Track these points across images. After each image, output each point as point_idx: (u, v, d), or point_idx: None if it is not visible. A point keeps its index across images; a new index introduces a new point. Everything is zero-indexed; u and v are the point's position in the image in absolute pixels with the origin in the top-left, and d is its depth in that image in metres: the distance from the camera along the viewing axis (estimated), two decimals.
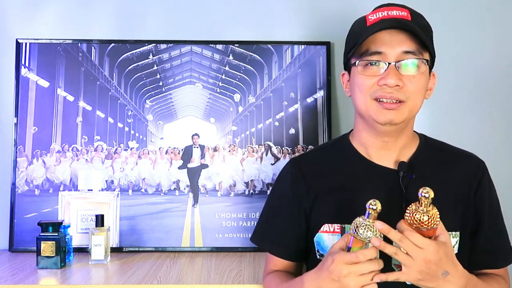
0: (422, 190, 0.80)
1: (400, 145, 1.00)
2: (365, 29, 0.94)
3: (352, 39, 0.98)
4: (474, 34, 1.55)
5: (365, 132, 1.01)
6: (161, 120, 1.56)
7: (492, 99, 1.55)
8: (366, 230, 0.82)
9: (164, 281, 1.18)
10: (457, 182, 1.00)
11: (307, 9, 1.56)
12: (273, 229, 1.09)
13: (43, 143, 1.51)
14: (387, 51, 0.92)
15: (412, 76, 0.92)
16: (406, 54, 0.91)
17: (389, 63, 0.92)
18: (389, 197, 0.94)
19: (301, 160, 1.12)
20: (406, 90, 0.92)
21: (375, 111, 0.94)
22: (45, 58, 1.52)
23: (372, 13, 0.96)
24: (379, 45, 0.92)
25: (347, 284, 0.82)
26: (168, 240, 1.48)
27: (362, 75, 0.94)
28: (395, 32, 0.92)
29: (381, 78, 0.92)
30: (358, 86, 0.96)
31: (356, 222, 0.83)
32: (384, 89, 0.92)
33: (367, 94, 0.94)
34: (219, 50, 1.57)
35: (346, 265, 0.82)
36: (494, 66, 1.55)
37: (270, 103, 1.56)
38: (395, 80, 0.90)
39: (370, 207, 0.82)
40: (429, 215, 0.81)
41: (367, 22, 0.95)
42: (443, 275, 0.83)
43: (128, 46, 1.55)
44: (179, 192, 1.53)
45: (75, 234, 1.46)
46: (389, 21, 0.93)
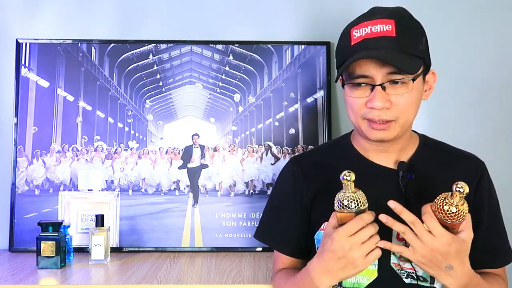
0: (456, 185, 0.80)
1: (398, 147, 1.01)
2: (349, 48, 0.93)
3: (339, 55, 0.98)
4: (474, 34, 1.55)
5: (362, 139, 1.02)
6: (161, 120, 1.56)
7: (492, 99, 1.55)
8: (350, 201, 0.83)
9: (164, 281, 1.18)
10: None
11: (307, 9, 1.56)
12: (275, 226, 1.10)
13: (43, 143, 1.51)
14: (373, 74, 0.90)
15: (400, 95, 0.91)
16: (392, 74, 0.90)
17: (374, 85, 0.90)
18: (389, 197, 0.94)
19: (302, 159, 1.13)
20: (394, 110, 0.91)
21: (366, 130, 0.94)
22: (45, 58, 1.52)
23: (356, 28, 0.94)
24: (364, 70, 0.91)
25: (353, 256, 0.83)
26: (168, 240, 1.48)
27: (351, 97, 0.95)
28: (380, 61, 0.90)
29: (368, 101, 0.91)
30: (349, 105, 0.96)
31: (339, 197, 0.84)
32: (372, 111, 0.91)
33: (357, 114, 0.94)
34: (219, 50, 1.57)
35: (346, 238, 0.82)
36: (494, 66, 1.55)
37: (270, 103, 1.56)
38: (382, 102, 0.89)
39: (344, 178, 0.82)
40: (457, 209, 0.81)
41: (351, 39, 0.93)
42: (446, 267, 0.84)
43: (128, 46, 1.55)
44: (179, 192, 1.53)
45: (75, 234, 1.46)
46: (371, 42, 0.90)
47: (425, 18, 1.00)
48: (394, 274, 0.95)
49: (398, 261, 0.95)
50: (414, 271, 0.95)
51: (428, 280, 0.96)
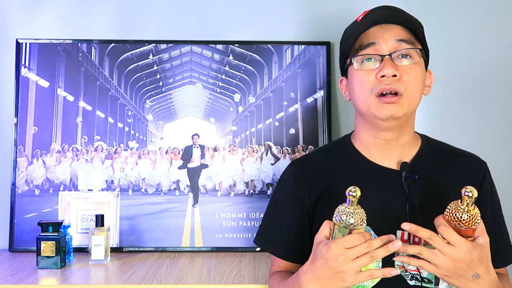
0: (465, 189, 0.80)
1: (402, 143, 1.00)
2: (357, 26, 0.96)
3: (345, 41, 1.00)
4: (473, 34, 1.55)
5: (367, 132, 1.01)
6: (161, 120, 1.56)
7: (492, 98, 1.55)
8: (349, 217, 0.82)
9: (164, 281, 1.18)
10: (459, 182, 0.99)
11: (307, 9, 1.56)
12: (276, 231, 1.09)
13: (43, 143, 1.51)
14: (380, 42, 0.93)
15: (408, 67, 0.93)
16: (399, 43, 0.93)
17: (383, 55, 0.93)
18: (392, 197, 0.94)
19: (303, 162, 1.11)
20: (403, 81, 0.92)
21: (376, 107, 0.94)
22: (45, 58, 1.52)
23: (362, 15, 0.98)
24: (372, 37, 0.94)
25: (344, 268, 0.82)
26: (168, 240, 1.48)
27: (360, 71, 0.96)
28: (386, 25, 0.94)
29: (378, 71, 0.93)
30: (357, 84, 0.96)
31: (339, 210, 0.84)
32: (383, 81, 0.92)
33: (368, 91, 0.94)
34: (219, 50, 1.57)
35: (343, 249, 0.82)
36: (494, 66, 1.54)
37: (270, 103, 1.56)
38: (392, 70, 0.91)
39: (350, 194, 0.82)
40: (469, 215, 0.80)
41: (357, 22, 0.98)
42: (473, 277, 0.83)
43: (128, 46, 1.55)
44: (179, 192, 1.53)
45: (75, 234, 1.46)
46: (379, 15, 0.95)
47: (425, 18, 1.01)
48: (398, 276, 0.94)
49: (402, 263, 0.95)
50: (418, 273, 0.94)
51: (433, 282, 0.95)
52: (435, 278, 0.95)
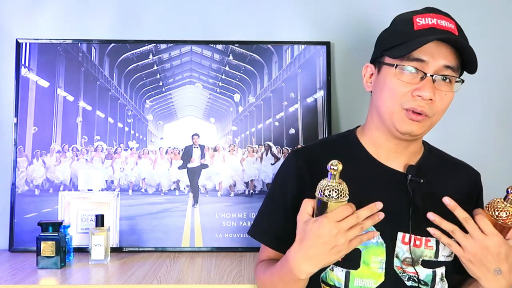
0: (511, 187, 0.84)
1: (411, 151, 1.01)
2: (412, 32, 0.91)
3: (395, 37, 0.95)
4: (474, 34, 1.55)
5: (379, 132, 1.00)
6: (161, 120, 1.56)
7: (492, 100, 1.55)
8: (333, 191, 0.82)
9: (164, 281, 1.18)
10: (459, 190, 1.01)
11: (307, 9, 1.56)
12: (268, 220, 1.07)
13: (43, 143, 1.51)
14: (430, 61, 0.90)
15: (444, 93, 0.91)
16: (446, 68, 0.90)
17: (426, 74, 0.90)
18: (396, 199, 0.94)
19: (305, 152, 1.08)
20: (435, 106, 0.91)
21: (399, 120, 0.93)
22: (45, 58, 1.52)
23: (420, 16, 0.93)
24: (424, 53, 0.90)
25: (338, 241, 0.81)
26: (168, 240, 1.48)
27: (398, 80, 0.92)
28: (441, 44, 0.90)
29: (416, 89, 0.90)
30: (389, 90, 0.93)
31: (322, 185, 0.84)
32: (417, 100, 0.90)
33: (397, 102, 0.92)
34: (219, 50, 1.57)
35: (335, 223, 0.81)
36: (495, 65, 1.54)
37: (270, 103, 1.56)
38: (430, 93, 0.89)
39: (331, 167, 0.82)
40: (509, 213, 0.84)
41: (414, 25, 0.92)
42: (495, 271, 0.84)
43: (128, 46, 1.55)
44: (179, 192, 1.53)
45: (75, 234, 1.46)
46: (440, 31, 0.90)
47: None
48: (397, 277, 0.95)
49: (401, 264, 0.95)
50: (416, 275, 0.95)
51: (429, 285, 0.96)
52: (431, 281, 0.96)
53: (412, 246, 0.94)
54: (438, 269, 0.97)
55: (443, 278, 0.98)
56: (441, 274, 0.98)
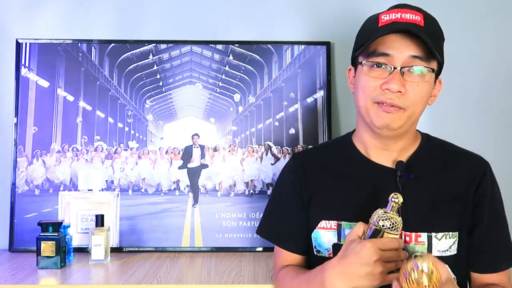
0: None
1: (400, 147, 1.01)
2: (376, 29, 0.94)
3: (362, 37, 0.98)
4: (476, 35, 1.55)
5: (365, 133, 1.02)
6: (161, 120, 1.56)
7: (494, 100, 1.55)
8: (387, 221, 0.84)
9: (164, 281, 1.18)
10: (456, 182, 1.00)
11: (307, 9, 1.56)
12: (279, 222, 1.10)
13: (43, 143, 1.51)
14: (395, 54, 0.91)
15: (416, 84, 0.92)
16: (413, 59, 0.91)
17: (394, 67, 0.91)
18: (386, 195, 0.94)
19: (303, 155, 1.15)
20: (407, 98, 0.91)
21: (374, 114, 0.94)
22: (45, 58, 1.52)
23: (385, 13, 0.95)
24: (387, 47, 0.92)
25: (375, 269, 0.82)
26: (168, 240, 1.48)
27: (367, 76, 0.94)
28: (405, 36, 0.91)
29: (384, 82, 0.92)
30: (361, 86, 0.96)
31: (378, 213, 0.85)
32: (386, 93, 0.92)
33: (368, 97, 0.94)
34: (219, 50, 1.57)
35: (378, 250, 0.82)
36: (496, 66, 1.54)
37: (270, 103, 1.56)
38: (398, 85, 0.90)
39: (392, 199, 0.85)
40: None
41: (379, 22, 0.94)
42: None
43: (128, 46, 1.55)
44: (179, 192, 1.53)
45: (75, 234, 1.46)
46: (400, 24, 0.91)
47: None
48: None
49: None
50: None
51: None
52: None
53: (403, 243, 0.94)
54: None
55: None
56: None
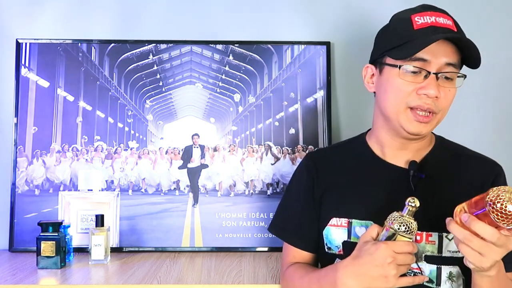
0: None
1: (417, 147, 1.01)
2: (413, 32, 0.92)
3: (394, 38, 0.95)
4: (478, 35, 1.55)
5: (384, 131, 1.02)
6: (161, 120, 1.56)
7: (496, 100, 1.55)
8: (402, 225, 0.84)
9: (164, 281, 1.18)
10: (469, 183, 1.00)
11: (307, 9, 1.56)
12: (290, 220, 1.11)
13: (43, 143, 1.51)
14: (432, 60, 0.91)
15: (448, 89, 0.93)
16: (448, 66, 0.92)
17: (429, 72, 0.91)
18: (398, 195, 0.94)
19: (317, 155, 1.17)
20: (440, 103, 0.92)
21: (406, 120, 0.94)
22: (45, 58, 1.52)
23: (418, 15, 0.93)
24: (425, 53, 0.90)
25: (389, 271, 0.82)
26: (168, 240, 1.48)
27: (402, 80, 0.93)
28: (442, 41, 0.91)
29: (421, 87, 0.91)
30: (394, 90, 0.94)
31: (394, 216, 0.85)
32: (422, 99, 0.91)
33: (402, 101, 0.93)
34: (219, 50, 1.57)
35: (392, 252, 0.82)
36: (498, 67, 1.54)
37: (270, 103, 1.56)
38: (435, 91, 0.90)
39: (409, 204, 0.85)
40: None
41: (414, 24, 0.93)
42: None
43: (128, 46, 1.55)
44: (179, 192, 1.53)
45: (75, 234, 1.46)
46: (440, 29, 0.91)
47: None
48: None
49: None
50: (420, 271, 0.94)
51: (434, 282, 0.95)
52: (436, 278, 0.96)
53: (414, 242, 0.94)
54: (445, 267, 0.96)
55: (452, 278, 0.96)
56: (449, 273, 0.96)
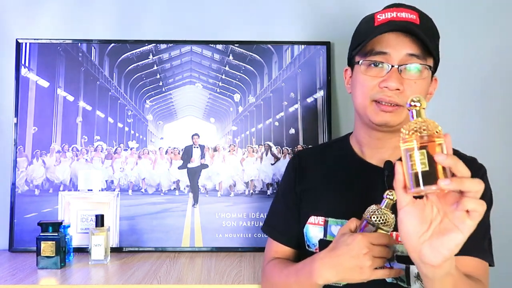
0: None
1: (394, 145, 1.00)
2: (373, 29, 0.95)
3: (358, 37, 0.99)
4: (476, 35, 1.55)
5: (362, 130, 1.03)
6: (161, 120, 1.56)
7: (494, 100, 1.55)
8: (380, 217, 0.85)
9: (164, 281, 1.18)
10: None
11: (307, 9, 1.56)
12: (275, 215, 1.15)
13: (43, 143, 1.51)
14: (392, 52, 0.92)
15: (413, 81, 0.93)
16: (410, 57, 0.92)
17: (392, 65, 0.92)
18: (374, 195, 0.94)
19: (303, 153, 1.19)
20: (405, 95, 0.92)
21: (372, 112, 0.95)
22: (45, 58, 1.52)
23: (381, 13, 0.97)
24: (385, 46, 0.93)
25: (364, 262, 0.82)
26: (168, 240, 1.48)
27: (365, 75, 0.96)
28: (402, 34, 0.92)
29: (382, 80, 0.93)
30: (359, 85, 0.97)
31: (372, 209, 0.86)
32: (384, 91, 0.93)
33: (367, 95, 0.95)
34: (219, 50, 1.57)
35: (368, 243, 0.82)
36: (496, 66, 1.54)
37: (270, 103, 1.56)
38: (396, 83, 0.91)
39: (387, 196, 0.85)
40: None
41: (375, 21, 0.96)
42: None
43: (128, 46, 1.55)
44: (179, 192, 1.53)
45: (75, 234, 1.46)
46: (397, 23, 0.93)
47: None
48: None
49: None
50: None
51: (405, 281, 0.94)
52: (406, 277, 0.94)
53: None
54: (413, 266, 0.93)
55: (420, 278, 0.92)
56: (416, 274, 0.93)
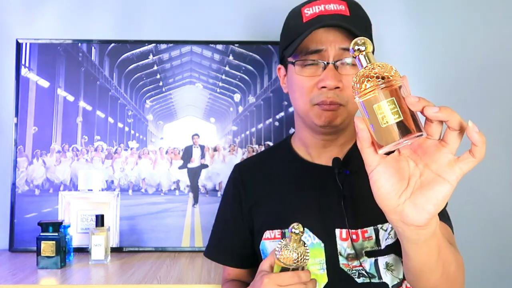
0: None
1: (340, 142, 0.97)
2: (301, 25, 0.89)
3: (288, 36, 0.93)
4: (474, 33, 1.55)
5: (306, 131, 0.98)
6: (161, 120, 1.56)
7: (492, 98, 1.55)
8: (289, 253, 0.77)
9: (164, 281, 1.18)
10: None
11: None
12: (221, 238, 1.08)
13: (43, 143, 1.51)
14: (325, 49, 0.87)
15: (351, 76, 0.86)
16: (344, 51, 0.87)
17: (327, 62, 0.87)
18: (328, 195, 0.92)
19: (242, 166, 1.10)
20: (345, 93, 0.88)
21: (315, 116, 0.90)
22: (45, 58, 1.52)
23: (308, 6, 0.91)
24: (317, 43, 0.87)
25: None
26: (168, 240, 1.48)
27: (300, 76, 0.90)
28: (332, 29, 0.87)
29: (320, 80, 0.87)
30: (297, 88, 0.91)
31: (281, 245, 0.79)
32: (323, 93, 0.87)
33: (307, 99, 0.90)
34: (219, 50, 1.57)
35: (275, 286, 0.77)
36: (495, 66, 1.54)
37: (270, 103, 1.56)
38: (334, 81, 0.85)
39: (292, 231, 0.77)
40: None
41: (303, 17, 0.90)
42: None
43: (128, 46, 1.55)
44: (179, 192, 1.53)
45: (75, 234, 1.46)
46: (326, 17, 0.87)
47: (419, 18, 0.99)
48: (346, 275, 0.90)
49: (347, 261, 0.90)
50: (363, 268, 0.90)
51: (376, 276, 0.90)
52: (376, 272, 0.91)
53: (351, 241, 0.90)
54: (381, 258, 0.90)
55: (390, 267, 0.91)
56: (385, 264, 0.90)
